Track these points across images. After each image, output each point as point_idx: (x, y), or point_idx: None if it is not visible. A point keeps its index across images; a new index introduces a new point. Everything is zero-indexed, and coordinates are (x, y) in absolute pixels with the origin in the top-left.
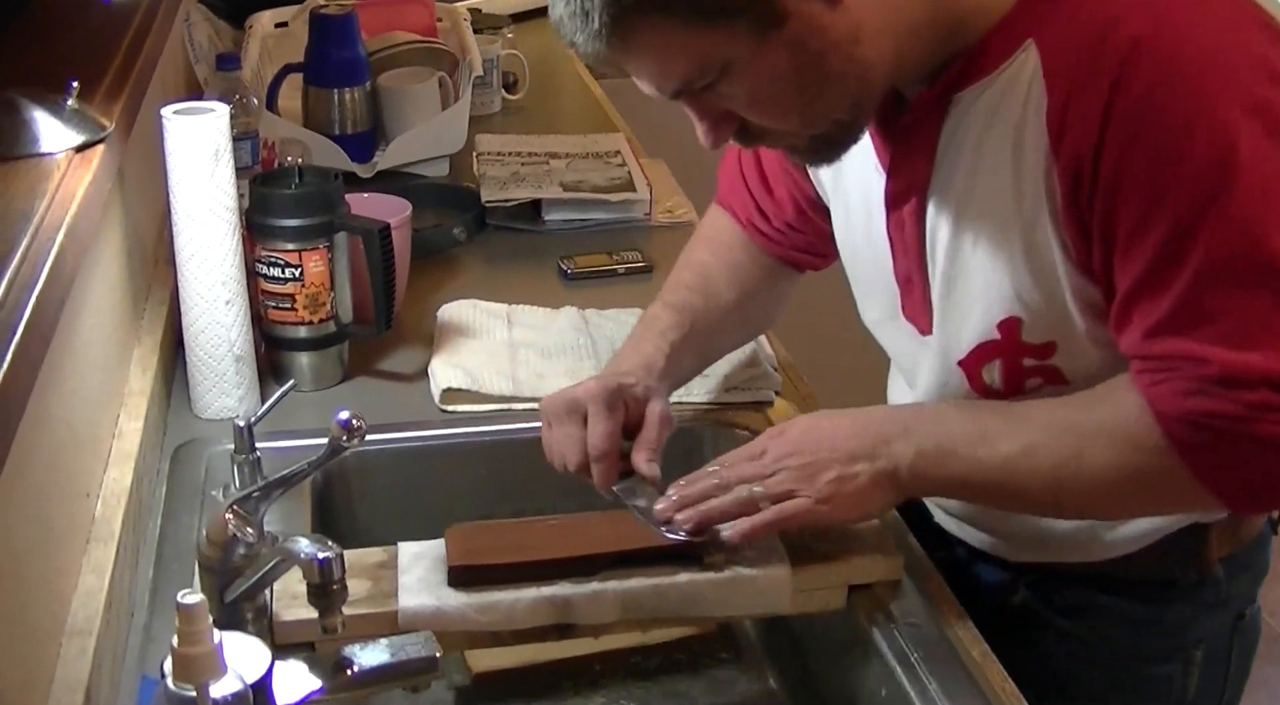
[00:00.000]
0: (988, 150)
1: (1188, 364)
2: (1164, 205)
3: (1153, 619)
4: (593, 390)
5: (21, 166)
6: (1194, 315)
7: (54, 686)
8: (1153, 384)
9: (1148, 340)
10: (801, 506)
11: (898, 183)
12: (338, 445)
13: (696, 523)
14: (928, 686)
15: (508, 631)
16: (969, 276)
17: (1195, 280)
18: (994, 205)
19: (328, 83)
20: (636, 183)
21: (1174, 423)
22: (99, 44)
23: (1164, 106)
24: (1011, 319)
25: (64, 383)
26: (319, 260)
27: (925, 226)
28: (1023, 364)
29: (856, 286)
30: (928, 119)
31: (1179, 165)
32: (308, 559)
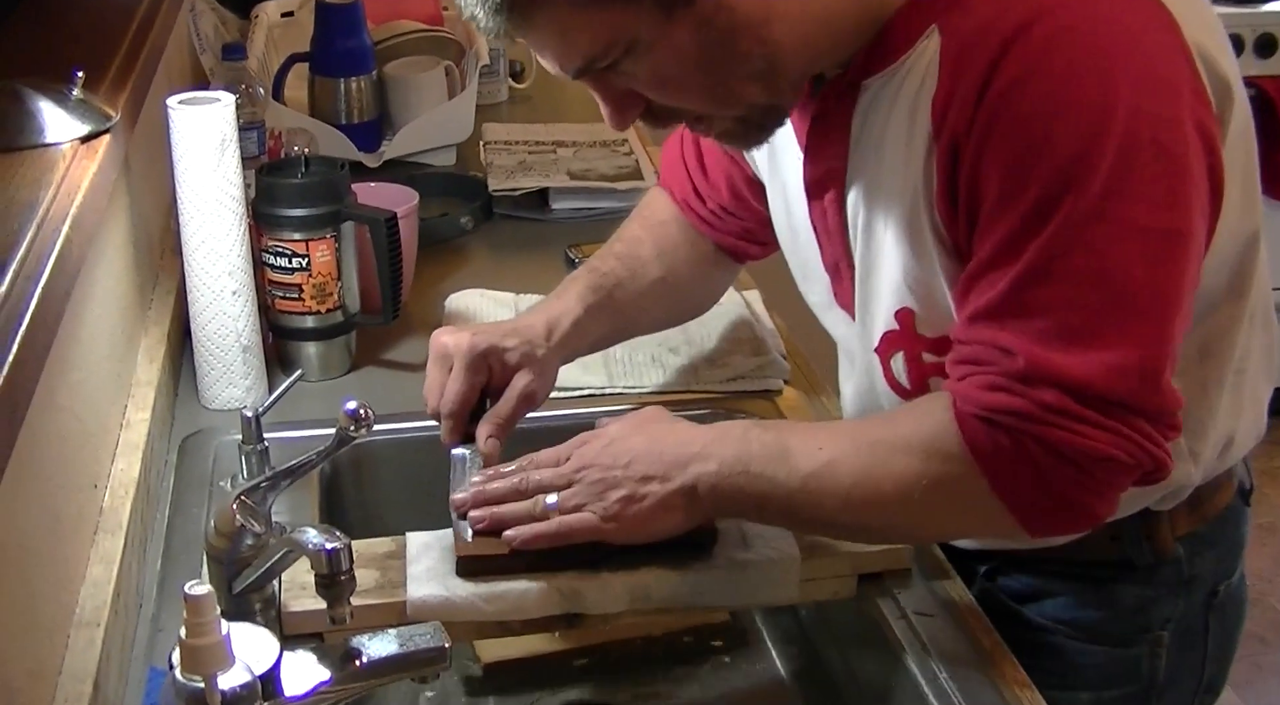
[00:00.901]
0: (889, 138)
1: (997, 355)
2: (1019, 192)
3: (1110, 602)
4: (462, 345)
5: (27, 157)
6: (1017, 306)
7: (62, 677)
8: (960, 377)
9: (970, 324)
10: (586, 522)
11: (815, 170)
12: (345, 435)
13: (487, 527)
14: (938, 675)
15: (516, 621)
16: (879, 264)
17: (1027, 272)
18: (893, 192)
19: (334, 72)
20: (644, 171)
21: (970, 420)
22: (104, 34)
23: (1038, 91)
24: (905, 309)
25: (71, 373)
26: (326, 250)
27: (846, 215)
28: (922, 359)
29: (795, 272)
30: (839, 106)
31: (1040, 154)
32: (315, 549)
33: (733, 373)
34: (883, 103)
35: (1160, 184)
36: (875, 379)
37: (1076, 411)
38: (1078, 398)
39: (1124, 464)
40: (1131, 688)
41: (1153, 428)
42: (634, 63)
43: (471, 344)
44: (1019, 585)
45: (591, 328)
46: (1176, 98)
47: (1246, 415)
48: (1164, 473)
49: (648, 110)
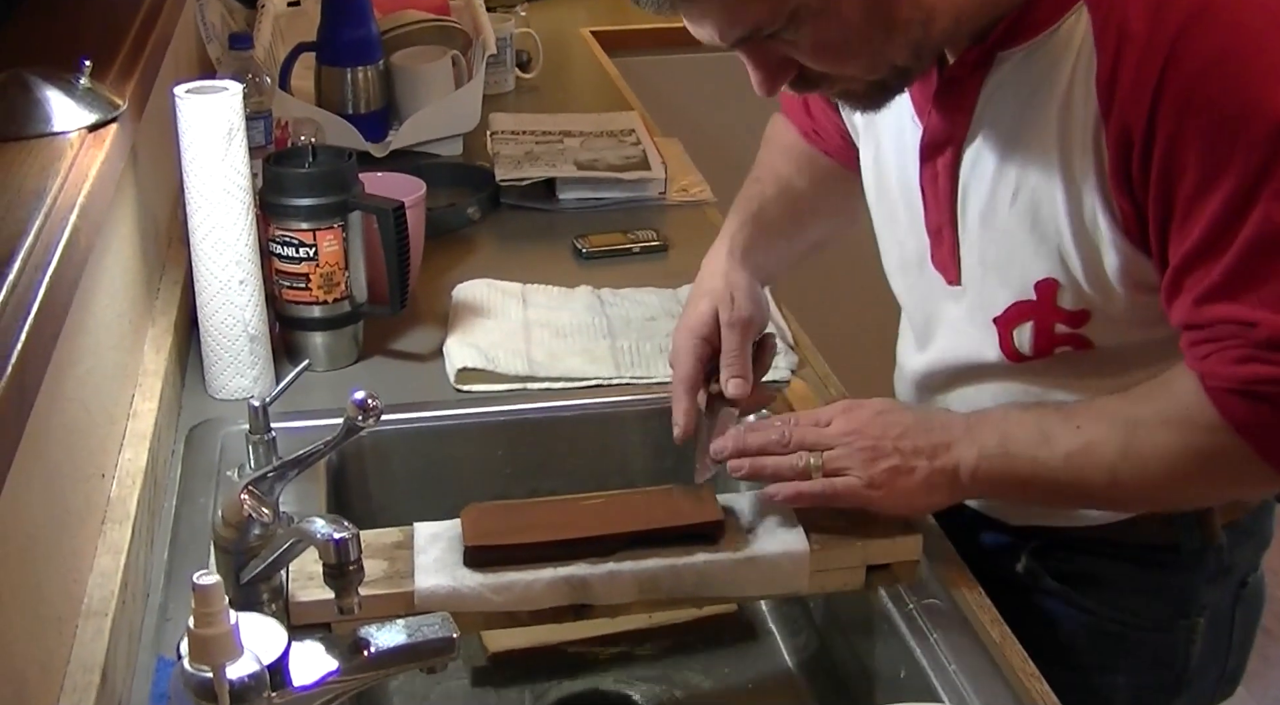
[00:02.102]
0: (1033, 109)
1: (1236, 329)
2: (1222, 175)
3: (1156, 586)
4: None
5: (34, 146)
6: (1243, 281)
7: (70, 667)
8: (1203, 357)
9: (1197, 307)
10: (852, 486)
11: (935, 134)
12: (353, 425)
13: (746, 473)
14: (946, 667)
15: (524, 612)
16: (1009, 234)
17: (1247, 247)
18: (1037, 165)
19: (341, 62)
20: (651, 161)
21: (1225, 396)
22: (112, 23)
23: (1225, 77)
24: (1050, 281)
25: (78, 363)
26: (333, 240)
27: (959, 179)
28: (1054, 329)
29: (881, 231)
30: (972, 74)
31: (1238, 136)
32: (324, 539)
33: None
34: (1021, 75)
35: None
36: (977, 345)
37: None
38: None
39: None
40: (1164, 674)
41: None
42: (796, 30)
43: (673, 342)
44: (1065, 566)
45: (761, 240)
46: None
47: None
48: None
49: (799, 75)
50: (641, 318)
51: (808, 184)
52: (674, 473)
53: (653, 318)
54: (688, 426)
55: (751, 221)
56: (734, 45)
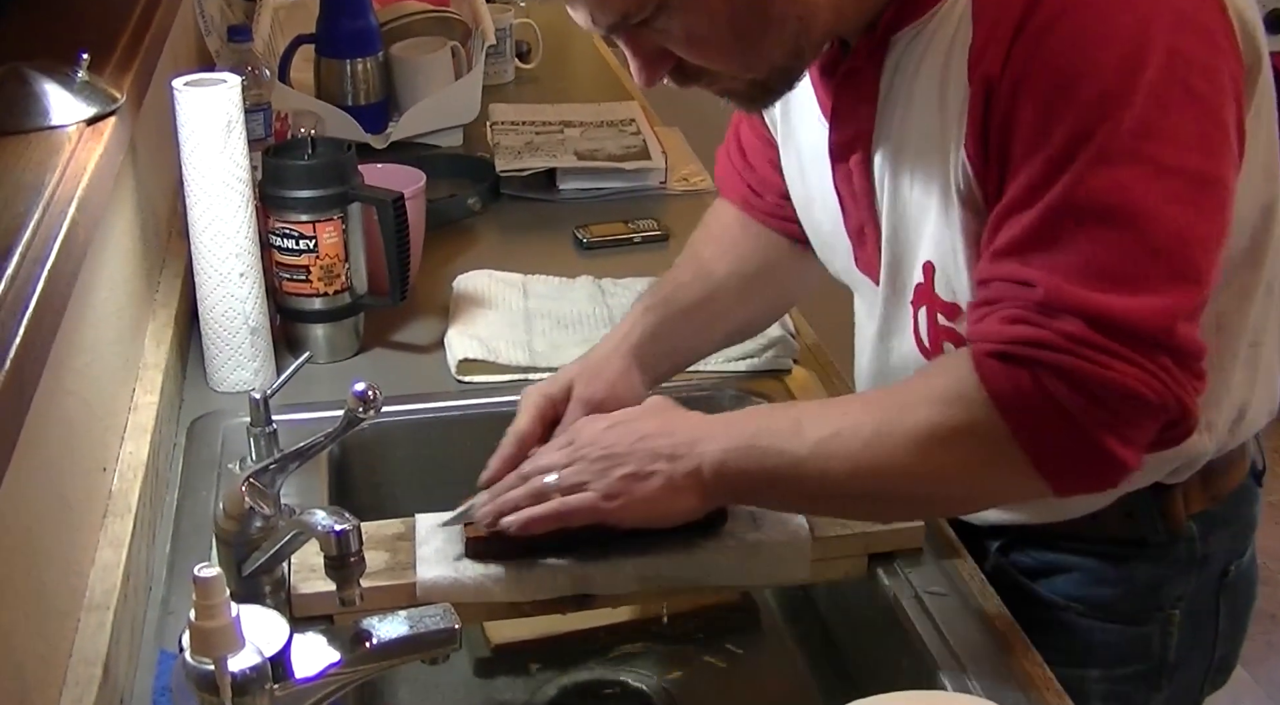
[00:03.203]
0: (919, 91)
1: (1015, 289)
2: (1050, 132)
3: (1124, 579)
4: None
5: (32, 139)
6: (1038, 242)
7: (72, 660)
8: (979, 319)
9: (992, 261)
10: (585, 501)
11: (841, 133)
12: (354, 417)
13: (492, 516)
14: (949, 654)
15: (526, 603)
16: (908, 217)
17: (1053, 208)
18: (923, 142)
19: (340, 54)
20: (652, 151)
21: (987, 361)
22: (110, 16)
23: (1072, 29)
24: (929, 263)
25: (78, 357)
26: (333, 231)
27: (873, 177)
28: (937, 320)
29: (814, 239)
30: (868, 64)
31: (1072, 91)
32: (324, 531)
33: (742, 352)
34: (913, 56)
35: (1193, 127)
36: (903, 339)
37: (1099, 342)
38: (1101, 329)
39: (1149, 403)
40: (1142, 666)
41: (1179, 369)
42: (668, 19)
43: (521, 398)
44: (1031, 561)
45: (664, 333)
46: (1214, 46)
47: (1260, 389)
48: (1189, 423)
49: (677, 68)
50: None
51: (727, 270)
52: None
53: None
54: (495, 473)
55: (659, 307)
56: (608, 32)
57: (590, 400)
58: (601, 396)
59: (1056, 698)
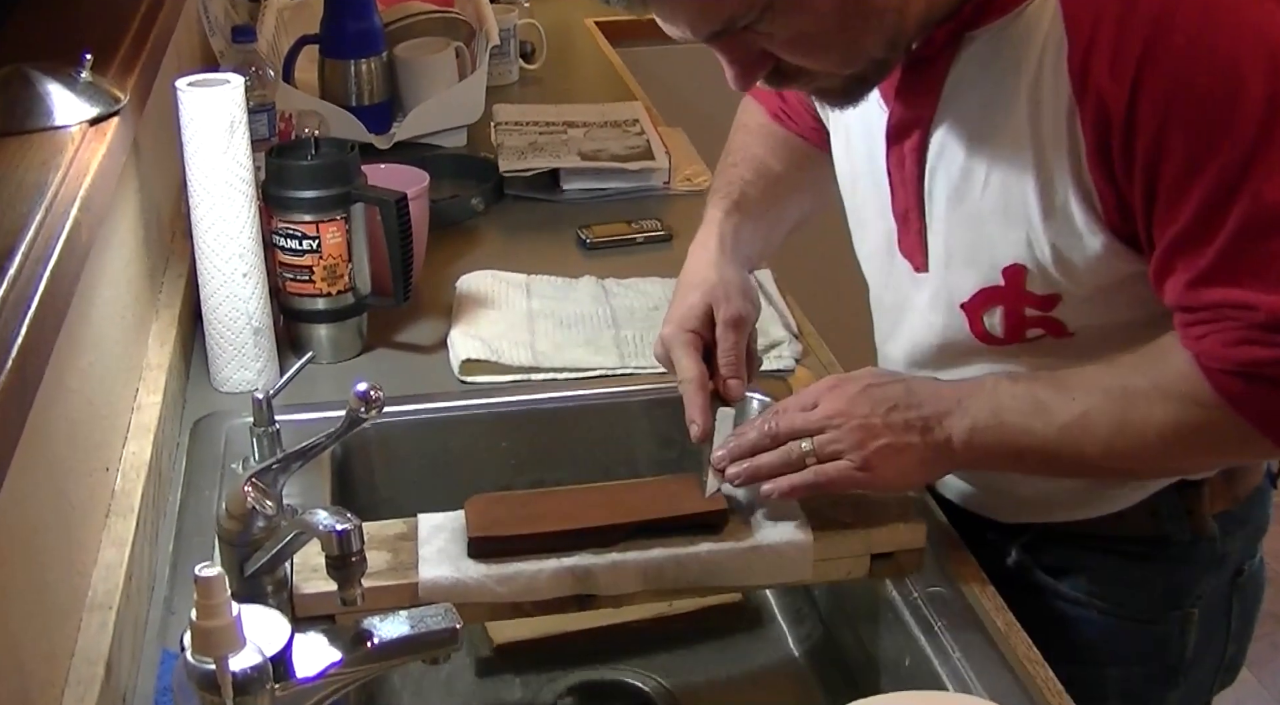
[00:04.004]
0: (1001, 92)
1: (1234, 312)
2: (1210, 156)
3: (1147, 578)
4: (665, 341)
5: (35, 140)
6: (1239, 264)
7: (75, 660)
8: (1199, 337)
9: (1192, 290)
10: (844, 470)
11: (901, 118)
12: (356, 417)
13: (744, 479)
14: (951, 655)
15: (528, 602)
16: (977, 219)
17: (1240, 229)
18: (1007, 149)
19: (344, 54)
20: (655, 151)
21: (1222, 376)
22: (113, 17)
23: (1207, 58)
24: (1018, 267)
25: (81, 357)
26: (336, 232)
27: (925, 163)
28: (1024, 313)
29: (852, 217)
30: (939, 56)
31: (1224, 117)
32: (326, 531)
33: None
34: (987, 56)
35: None
36: (948, 329)
37: None
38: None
39: None
40: (1158, 665)
41: None
42: (772, 22)
43: (665, 337)
44: (1054, 559)
45: (746, 227)
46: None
47: None
48: None
49: (775, 70)
50: (645, 307)
51: (782, 166)
52: (678, 463)
53: (656, 307)
54: (706, 425)
55: (735, 209)
56: (708, 40)
57: (737, 318)
58: (744, 311)
59: (1057, 698)
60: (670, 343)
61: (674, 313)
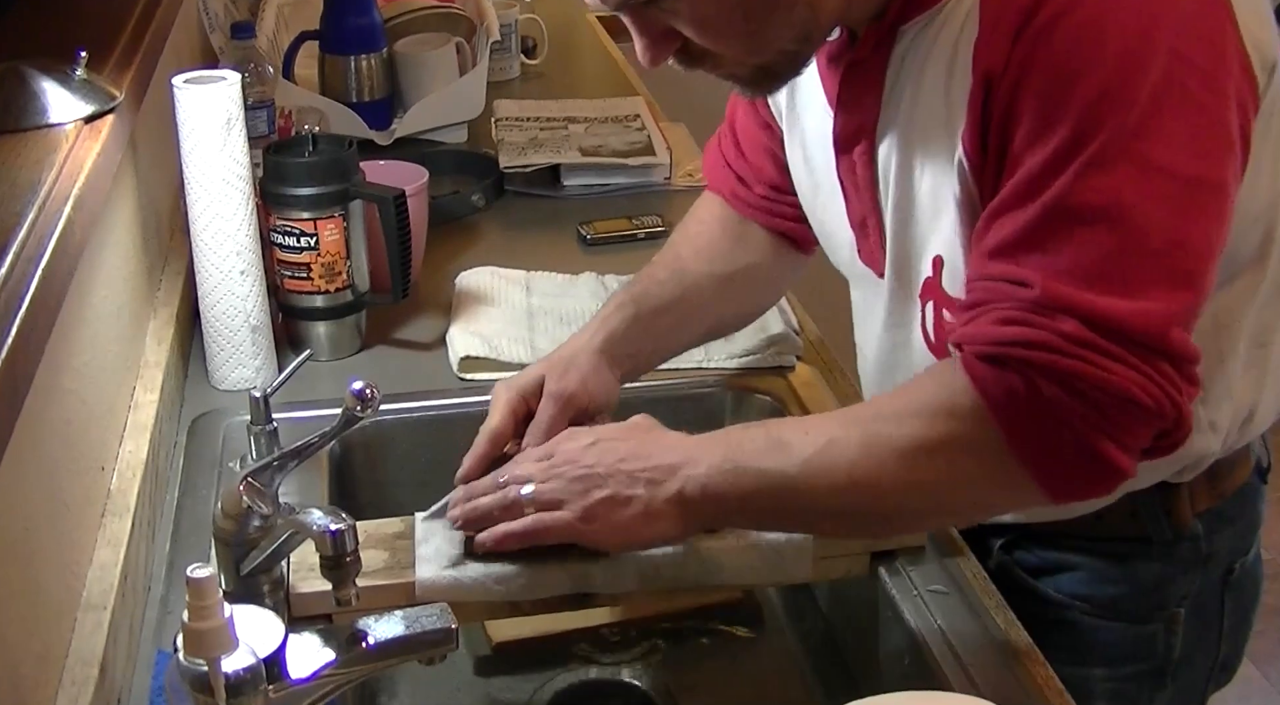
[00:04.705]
0: (925, 82)
1: (1011, 289)
2: (1049, 132)
3: (1129, 578)
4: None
5: (30, 138)
6: (1034, 243)
7: (69, 660)
8: (968, 320)
9: (985, 261)
10: (560, 521)
11: (847, 123)
12: (352, 415)
13: (463, 521)
14: (951, 653)
15: (526, 601)
16: (917, 211)
17: (1049, 208)
18: (931, 136)
19: (344, 50)
20: (656, 147)
21: (978, 365)
22: (110, 14)
23: (1075, 28)
24: (939, 257)
25: (75, 356)
26: (334, 229)
27: (877, 169)
28: (944, 317)
29: (818, 229)
30: (875, 54)
31: (1072, 90)
32: (320, 531)
33: (744, 349)
34: (919, 48)
35: (1192, 131)
36: (911, 331)
37: (1096, 343)
38: (1098, 330)
39: (1145, 408)
40: (1146, 665)
41: (1176, 374)
42: (676, 0)
43: (493, 390)
44: (1036, 560)
45: (635, 331)
46: (1217, 52)
47: (1269, 390)
48: (1183, 431)
49: (683, 49)
50: None
51: (706, 269)
52: None
53: None
54: (468, 471)
55: (630, 304)
56: (615, 8)
57: (562, 394)
58: (573, 390)
59: (1058, 697)
60: (493, 396)
61: (512, 379)
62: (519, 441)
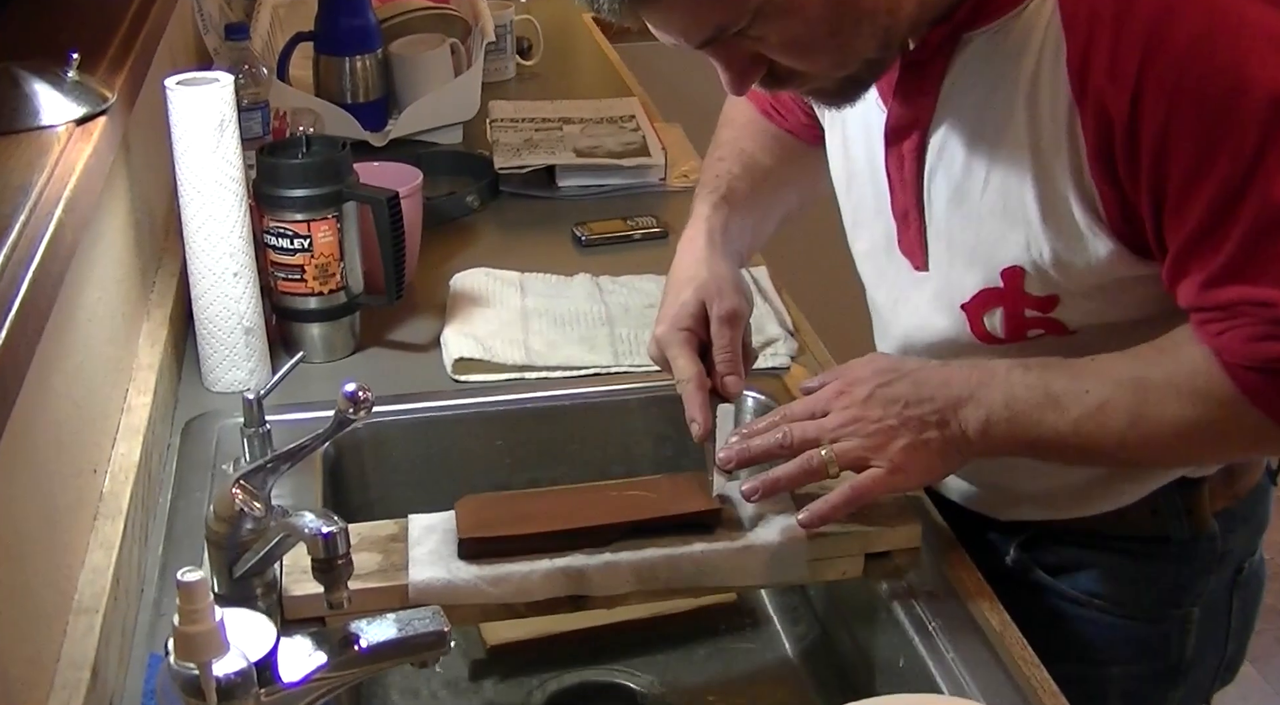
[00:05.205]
0: (999, 93)
1: (1251, 309)
2: (1216, 157)
3: (1147, 576)
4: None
5: (21, 140)
6: (1251, 262)
7: (60, 664)
8: (1218, 334)
9: (1207, 291)
10: (878, 479)
11: (899, 118)
12: (344, 418)
13: (765, 492)
14: (946, 655)
15: (521, 603)
16: (977, 220)
17: (1250, 228)
18: (1005, 150)
19: (339, 51)
20: (651, 147)
21: (1243, 372)
22: (103, 15)
23: (1210, 58)
24: (1016, 268)
25: (67, 358)
26: (328, 230)
27: (924, 164)
28: (1024, 314)
29: (848, 215)
30: (936, 57)
31: (1229, 117)
32: (311, 534)
33: None
34: (985, 57)
35: None
36: (948, 329)
37: None
38: None
39: None
40: (1159, 664)
41: None
42: (762, 27)
43: (659, 336)
44: (1054, 557)
45: (735, 222)
46: None
47: None
48: None
49: (769, 73)
50: (640, 305)
51: (771, 160)
52: (674, 461)
53: (652, 305)
54: (707, 423)
55: (723, 203)
56: (700, 46)
57: (731, 313)
58: (738, 306)
59: (1052, 699)
60: (665, 342)
61: (666, 311)
62: None
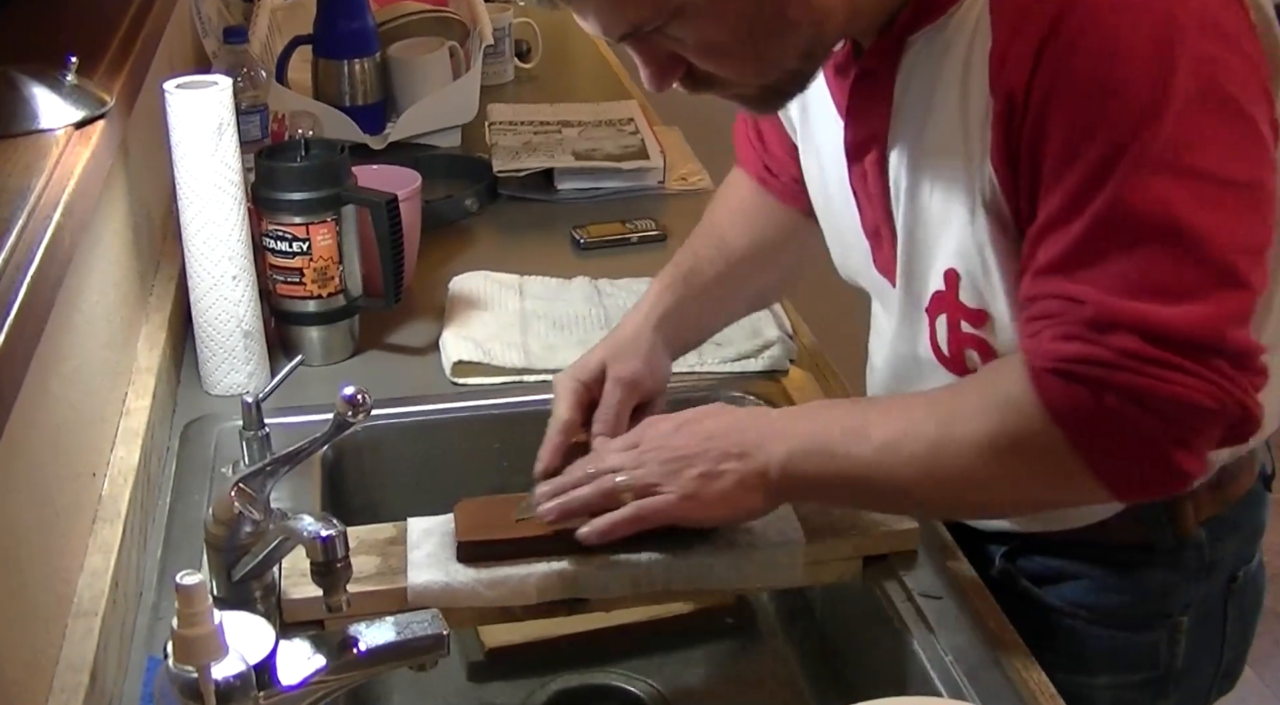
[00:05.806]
0: (938, 94)
1: (1066, 306)
2: (1083, 148)
3: (1133, 586)
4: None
5: (19, 143)
6: (1083, 258)
7: (59, 667)
8: (1032, 334)
9: (1037, 279)
10: (662, 503)
11: (856, 133)
12: (343, 421)
13: (558, 514)
14: (943, 658)
15: (518, 607)
16: (926, 224)
17: (1094, 223)
18: (944, 149)
19: (338, 54)
20: (650, 150)
21: (1044, 376)
22: (102, 18)
23: (1102, 41)
24: (952, 271)
25: (65, 362)
26: (326, 233)
27: (888, 177)
28: (960, 327)
29: (830, 237)
30: (883, 65)
31: (1104, 105)
32: (310, 537)
33: (737, 353)
34: (929, 58)
35: (1226, 132)
36: (918, 344)
37: (1155, 356)
38: (1155, 342)
39: (1209, 411)
40: (1150, 673)
41: (1236, 371)
42: (681, 27)
43: (554, 381)
44: (1039, 567)
45: (687, 309)
46: (1238, 48)
47: (1273, 396)
48: (1252, 424)
49: (688, 74)
50: None
51: (748, 242)
52: None
53: None
54: (548, 466)
55: (681, 283)
56: (620, 40)
57: (626, 378)
58: (637, 374)
59: (1051, 701)
60: (556, 387)
61: (571, 366)
62: (587, 430)
